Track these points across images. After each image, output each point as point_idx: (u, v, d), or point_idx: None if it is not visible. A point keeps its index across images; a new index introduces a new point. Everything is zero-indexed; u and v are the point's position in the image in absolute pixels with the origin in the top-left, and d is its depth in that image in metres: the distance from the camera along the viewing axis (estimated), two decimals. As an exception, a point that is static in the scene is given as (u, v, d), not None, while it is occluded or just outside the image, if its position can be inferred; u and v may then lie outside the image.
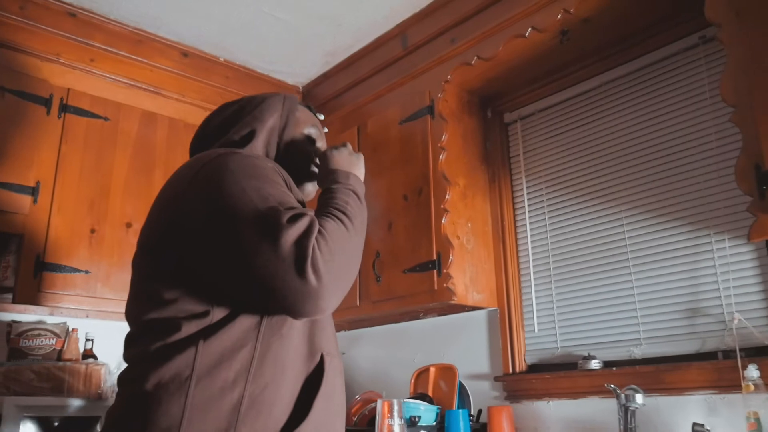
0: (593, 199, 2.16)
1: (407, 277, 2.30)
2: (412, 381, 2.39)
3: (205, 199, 1.03)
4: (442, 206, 2.24)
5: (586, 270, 2.14)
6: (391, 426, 1.88)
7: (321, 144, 1.37)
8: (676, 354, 1.88)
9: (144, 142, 2.48)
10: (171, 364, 0.98)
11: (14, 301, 2.12)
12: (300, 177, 1.30)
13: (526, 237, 2.35)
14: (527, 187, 2.39)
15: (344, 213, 1.12)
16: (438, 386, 2.32)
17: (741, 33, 1.57)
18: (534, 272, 2.30)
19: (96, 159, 2.35)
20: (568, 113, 2.30)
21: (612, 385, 1.77)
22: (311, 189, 1.33)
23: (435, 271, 2.21)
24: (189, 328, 1.00)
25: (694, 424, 1.62)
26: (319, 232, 1.00)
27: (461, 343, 2.45)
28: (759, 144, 1.49)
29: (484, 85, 2.44)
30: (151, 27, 2.54)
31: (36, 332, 2.24)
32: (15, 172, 2.15)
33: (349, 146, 1.32)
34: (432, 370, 2.36)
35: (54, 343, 2.24)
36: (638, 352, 1.96)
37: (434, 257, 2.22)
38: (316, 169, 1.31)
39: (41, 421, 2.00)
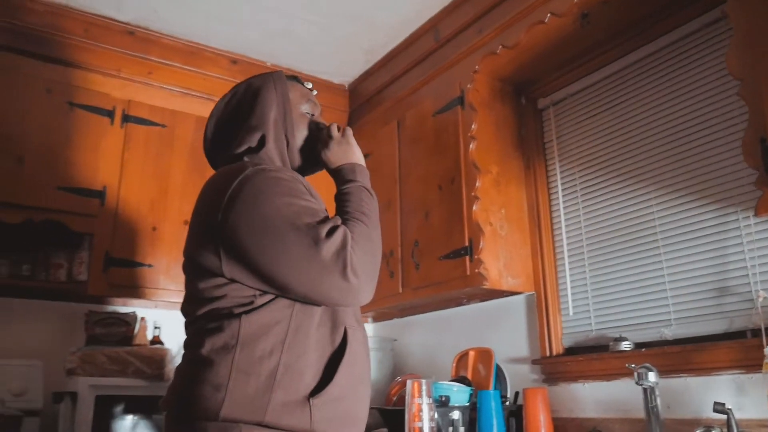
0: (623, 181, 2.15)
1: (443, 264, 2.38)
2: (454, 364, 2.47)
3: (246, 220, 1.17)
4: (472, 194, 2.30)
5: (618, 252, 2.14)
6: (420, 405, 1.97)
7: (317, 113, 1.48)
8: (704, 334, 1.86)
9: (198, 145, 2.68)
10: (221, 335, 1.16)
11: (87, 293, 2.37)
12: (309, 152, 1.41)
13: (560, 221, 2.36)
14: (561, 172, 2.40)
15: (362, 212, 1.28)
16: (477, 369, 2.39)
17: (746, 6, 1.54)
18: (569, 256, 2.31)
19: (155, 163, 2.57)
20: (598, 96, 2.30)
21: (633, 365, 1.78)
22: (326, 153, 1.40)
23: (467, 257, 2.27)
24: (235, 310, 1.17)
25: (716, 403, 1.61)
26: (351, 238, 1.18)
27: (502, 328, 2.50)
28: (764, 118, 1.46)
29: (515, 73, 2.47)
30: (202, 39, 2.75)
31: (109, 321, 2.49)
32: (84, 178, 2.41)
33: (335, 132, 1.42)
34: (471, 353, 2.42)
35: (125, 330, 2.48)
36: (668, 333, 1.95)
37: (466, 243, 2.29)
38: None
39: (111, 399, 2.24)
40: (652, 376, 1.69)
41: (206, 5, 2.50)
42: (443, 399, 2.08)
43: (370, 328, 3.24)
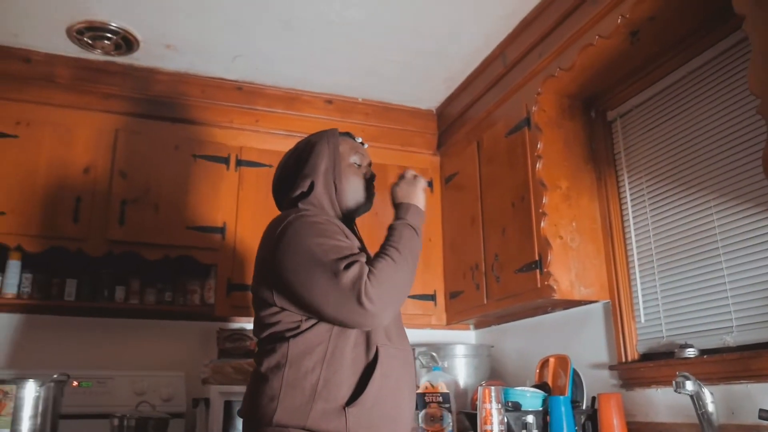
0: (686, 189, 2.19)
1: (518, 277, 2.54)
2: (537, 370, 2.61)
3: (287, 258, 1.49)
4: (540, 210, 2.44)
5: (683, 259, 2.18)
6: (489, 410, 2.17)
7: (366, 166, 1.78)
8: (766, 341, 1.87)
9: (301, 180, 3.06)
10: (274, 355, 1.48)
11: (216, 314, 2.82)
12: (359, 198, 1.72)
13: (630, 231, 2.43)
14: (629, 183, 2.46)
15: (395, 247, 1.53)
16: (558, 375, 2.51)
17: (761, 22, 1.58)
18: (639, 264, 2.38)
19: (265, 199, 2.94)
20: (660, 106, 2.34)
21: (683, 373, 1.85)
22: (368, 207, 1.77)
23: (537, 270, 2.42)
24: (286, 334, 1.48)
25: (761, 410, 1.65)
26: (370, 270, 1.44)
27: (584, 334, 2.60)
28: (779, 134, 1.50)
29: (582, 89, 2.57)
30: (299, 85, 3.12)
31: (236, 336, 2.92)
32: (207, 218, 2.86)
33: (409, 174, 1.72)
34: (551, 360, 2.55)
35: (248, 344, 2.91)
36: (730, 340, 1.97)
37: (536, 257, 2.43)
38: (369, 191, 1.75)
39: (237, 404, 2.66)
40: (689, 385, 1.76)
41: (300, 57, 2.86)
42: (510, 405, 2.24)
43: (471, 335, 3.44)
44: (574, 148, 2.60)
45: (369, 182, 1.76)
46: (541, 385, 2.49)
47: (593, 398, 2.36)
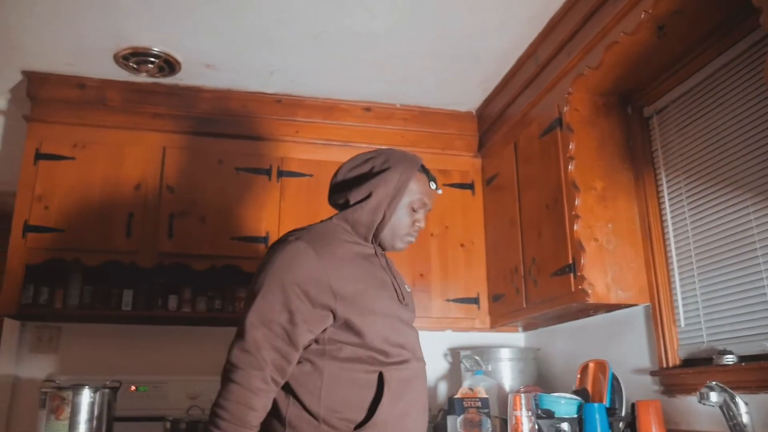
0: (724, 188, 2.09)
1: (553, 281, 2.50)
2: (578, 375, 2.56)
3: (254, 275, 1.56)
4: (573, 213, 2.39)
5: (721, 261, 2.09)
6: (519, 417, 2.16)
7: (421, 213, 1.73)
8: (805, 348, 1.77)
9: (340, 188, 3.12)
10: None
11: (261, 321, 2.92)
12: (395, 241, 1.72)
13: (669, 231, 2.34)
14: (667, 182, 2.37)
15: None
16: (597, 380, 2.46)
17: (777, 17, 1.50)
18: (678, 266, 2.29)
19: (306, 208, 3.06)
20: (696, 101, 2.24)
21: (710, 383, 1.77)
22: (400, 246, 1.75)
23: (571, 274, 2.37)
24: None
25: (794, 423, 1.57)
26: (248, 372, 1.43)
27: (625, 338, 2.53)
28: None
29: (615, 86, 2.49)
30: (336, 94, 3.18)
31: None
32: (251, 228, 2.97)
33: None
34: (591, 365, 2.50)
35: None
36: (769, 347, 1.88)
37: (570, 261, 2.39)
38: (411, 234, 1.74)
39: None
40: (714, 396, 1.69)
41: (333, 68, 2.91)
42: (542, 412, 2.22)
43: (520, 337, 3.40)
44: (610, 147, 2.52)
45: (415, 230, 1.75)
46: (580, 391, 2.44)
47: (632, 405, 2.29)
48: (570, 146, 2.45)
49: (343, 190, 1.72)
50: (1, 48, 2.73)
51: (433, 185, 1.75)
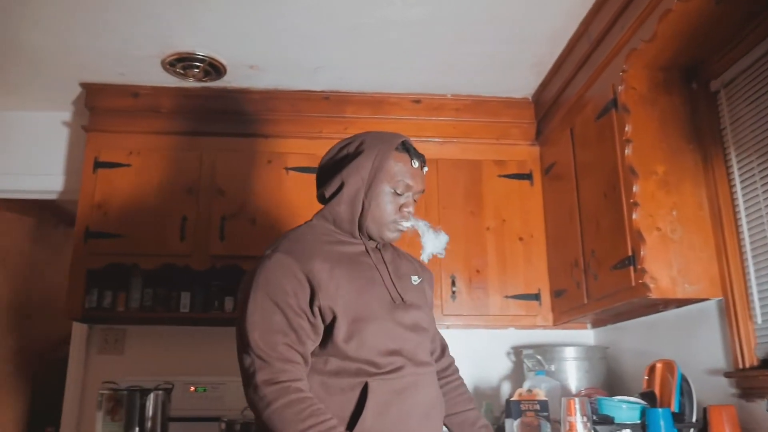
0: (801, 167, 1.85)
1: (613, 274, 2.31)
2: (645, 376, 2.36)
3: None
4: (631, 200, 2.20)
5: (801, 250, 1.85)
6: (573, 423, 2.02)
7: (407, 197, 1.55)
8: None
9: (391, 183, 3.04)
10: None
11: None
12: (379, 227, 1.55)
13: (741, 218, 2.10)
14: (737, 162, 2.13)
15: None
16: (666, 382, 2.25)
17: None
18: (753, 256, 2.05)
19: (356, 205, 3.00)
20: (766, 71, 2.00)
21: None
22: (390, 236, 1.57)
23: (631, 267, 2.19)
24: None
25: None
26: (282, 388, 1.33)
27: (698, 336, 2.31)
28: None
29: (677, 59, 2.27)
30: (385, 88, 3.10)
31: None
32: (301, 228, 2.94)
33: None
34: (658, 366, 2.29)
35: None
36: None
37: (629, 253, 2.20)
38: (399, 222, 1.55)
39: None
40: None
41: (376, 61, 2.84)
42: (598, 418, 2.05)
43: (589, 334, 3.20)
44: (673, 127, 2.30)
45: (403, 216, 1.55)
46: (647, 394, 2.25)
47: (704, 410, 2.08)
48: (626, 128, 2.25)
49: (320, 183, 1.62)
50: (61, 63, 2.84)
51: (416, 163, 1.55)
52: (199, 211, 2.92)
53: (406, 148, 1.57)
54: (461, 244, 2.98)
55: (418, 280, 1.64)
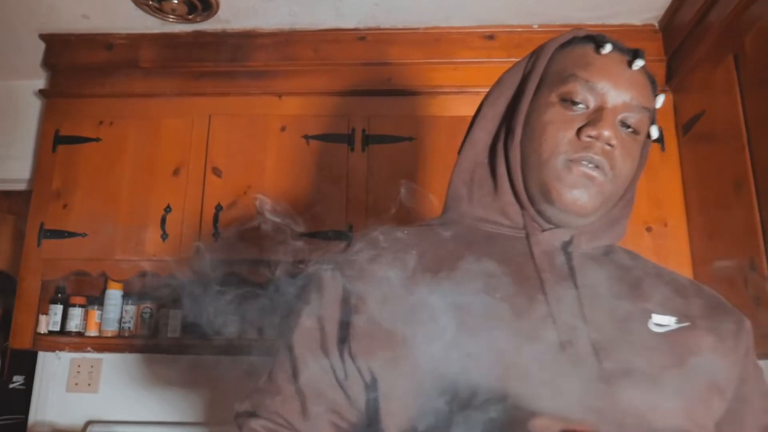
0: None
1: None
2: None
3: None
4: None
5: None
6: None
7: (586, 106, 0.81)
8: None
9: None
10: None
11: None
12: (541, 179, 0.81)
13: None
14: None
15: None
16: None
17: None
18: None
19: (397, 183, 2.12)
20: None
21: None
22: (569, 194, 0.80)
23: None
24: None
25: None
26: None
27: None
28: None
29: None
30: (443, 21, 2.21)
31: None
32: (327, 219, 2.10)
33: None
34: None
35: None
36: None
37: None
38: (577, 165, 0.79)
39: None
40: None
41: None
42: None
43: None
44: None
45: (583, 146, 0.79)
46: None
47: None
48: None
49: None
50: (14, 12, 2.12)
51: (608, 47, 0.81)
52: (187, 197, 2.13)
53: (592, 37, 0.85)
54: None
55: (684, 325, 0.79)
